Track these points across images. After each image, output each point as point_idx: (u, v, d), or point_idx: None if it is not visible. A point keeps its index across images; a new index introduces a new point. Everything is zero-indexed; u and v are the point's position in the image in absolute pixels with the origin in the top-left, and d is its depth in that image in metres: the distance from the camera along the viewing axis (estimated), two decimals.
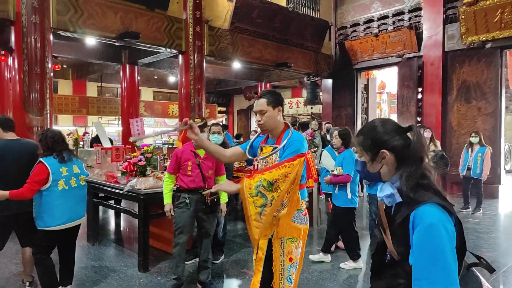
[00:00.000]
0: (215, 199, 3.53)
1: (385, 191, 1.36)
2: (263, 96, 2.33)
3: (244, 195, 2.00)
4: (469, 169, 6.95)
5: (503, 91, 8.80)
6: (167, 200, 3.55)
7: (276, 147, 2.27)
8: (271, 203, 1.98)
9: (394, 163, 1.36)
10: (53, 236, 3.17)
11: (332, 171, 4.26)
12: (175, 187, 3.58)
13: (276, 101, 2.33)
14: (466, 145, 7.21)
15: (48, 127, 6.14)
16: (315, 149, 7.17)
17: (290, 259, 2.19)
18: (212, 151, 2.36)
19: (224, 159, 2.48)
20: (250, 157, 2.44)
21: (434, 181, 1.31)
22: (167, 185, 3.56)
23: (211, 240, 3.65)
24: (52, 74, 6.33)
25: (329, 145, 4.86)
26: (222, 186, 2.11)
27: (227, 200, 3.74)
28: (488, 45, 8.62)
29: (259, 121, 2.33)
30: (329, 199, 5.06)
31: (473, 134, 7.02)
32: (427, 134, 7.19)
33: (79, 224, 3.37)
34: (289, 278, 2.19)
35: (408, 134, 1.37)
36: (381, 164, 1.38)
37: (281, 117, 2.37)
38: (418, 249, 1.17)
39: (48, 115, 6.14)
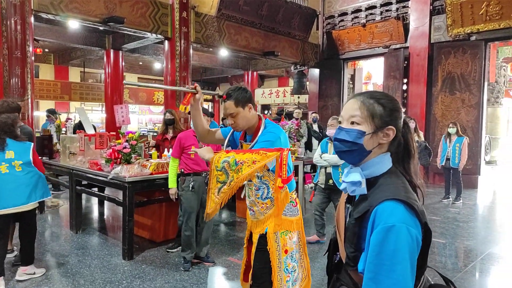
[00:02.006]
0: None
1: (352, 177, 1.13)
2: (230, 97, 2.18)
3: (211, 166, 2.00)
4: (448, 159, 7.10)
5: (486, 83, 8.95)
6: (173, 184, 3.82)
7: (252, 145, 2.22)
8: (230, 184, 1.94)
9: (383, 149, 1.14)
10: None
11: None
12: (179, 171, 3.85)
13: (244, 99, 2.18)
14: (444, 135, 7.34)
15: (30, 112, 6.00)
16: (300, 138, 7.19)
17: (286, 251, 2.19)
18: (198, 123, 2.32)
19: (203, 137, 2.40)
20: (225, 143, 2.39)
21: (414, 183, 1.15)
22: (172, 169, 3.82)
23: (211, 222, 3.91)
24: (33, 58, 6.15)
25: (324, 138, 4.78)
26: (200, 151, 2.12)
27: None
28: (473, 38, 8.74)
29: (232, 124, 2.21)
30: (313, 189, 5.04)
31: (450, 125, 7.14)
32: (411, 125, 7.28)
33: (30, 211, 3.43)
34: (286, 269, 2.19)
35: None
36: (379, 142, 1.12)
37: (253, 112, 2.24)
38: (373, 254, 0.98)
39: (29, 100, 5.99)
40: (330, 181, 4.35)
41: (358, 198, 1.13)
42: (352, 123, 1.13)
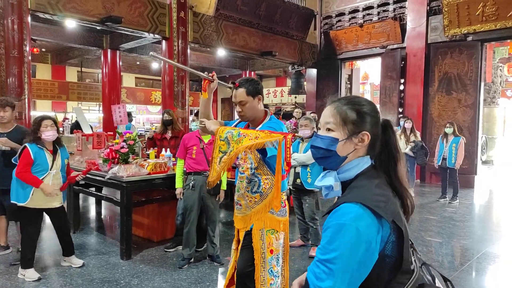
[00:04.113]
0: (218, 183, 3.70)
1: (325, 181, 1.15)
2: (242, 86, 2.23)
3: (216, 136, 2.04)
4: (444, 159, 7.12)
5: (482, 83, 9.00)
6: (178, 184, 3.98)
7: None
8: (229, 153, 1.97)
9: (358, 153, 1.15)
10: None
11: None
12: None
13: (256, 90, 2.25)
14: (441, 135, 7.36)
15: (27, 112, 5.99)
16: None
17: (271, 251, 2.17)
18: (205, 111, 2.38)
19: None
20: None
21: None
22: (177, 170, 3.99)
23: (215, 220, 3.94)
24: (30, 58, 6.14)
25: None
26: (207, 122, 2.18)
27: (225, 188, 3.97)
28: (470, 38, 8.78)
29: (240, 112, 2.26)
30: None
31: (447, 125, 7.16)
32: (408, 125, 7.33)
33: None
34: (271, 270, 2.17)
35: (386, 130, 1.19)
36: (354, 148, 1.13)
37: (261, 105, 2.30)
38: (323, 243, 1.03)
39: (26, 100, 5.98)
40: (298, 181, 4.22)
41: (336, 201, 1.14)
42: (328, 130, 1.16)
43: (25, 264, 3.50)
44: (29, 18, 6.05)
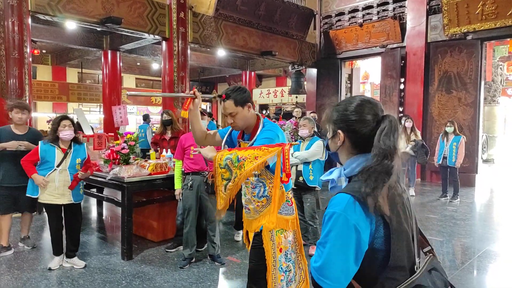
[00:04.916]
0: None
1: (330, 175, 1.27)
2: (229, 97, 2.20)
3: (215, 164, 2.02)
4: (445, 158, 7.11)
5: (482, 82, 8.99)
6: (177, 185, 4.00)
7: (251, 143, 2.24)
8: (234, 180, 1.97)
9: (349, 149, 1.21)
10: None
11: None
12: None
13: (244, 99, 2.21)
14: (441, 134, 7.35)
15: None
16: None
17: (281, 250, 2.20)
18: (195, 127, 2.35)
19: (201, 140, 2.42)
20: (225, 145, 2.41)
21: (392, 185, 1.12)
22: (176, 171, 4.02)
23: (215, 220, 3.94)
24: (30, 59, 6.15)
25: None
26: (203, 150, 2.15)
27: None
28: (469, 37, 8.77)
29: (232, 123, 2.24)
30: None
31: (448, 124, 7.15)
32: (408, 124, 7.33)
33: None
34: (281, 268, 2.21)
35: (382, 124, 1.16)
36: (336, 145, 1.24)
37: (251, 111, 2.27)
38: (322, 230, 1.13)
39: (27, 101, 5.99)
40: (300, 178, 4.22)
41: None
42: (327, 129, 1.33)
43: (53, 251, 3.80)
44: (29, 20, 6.06)
